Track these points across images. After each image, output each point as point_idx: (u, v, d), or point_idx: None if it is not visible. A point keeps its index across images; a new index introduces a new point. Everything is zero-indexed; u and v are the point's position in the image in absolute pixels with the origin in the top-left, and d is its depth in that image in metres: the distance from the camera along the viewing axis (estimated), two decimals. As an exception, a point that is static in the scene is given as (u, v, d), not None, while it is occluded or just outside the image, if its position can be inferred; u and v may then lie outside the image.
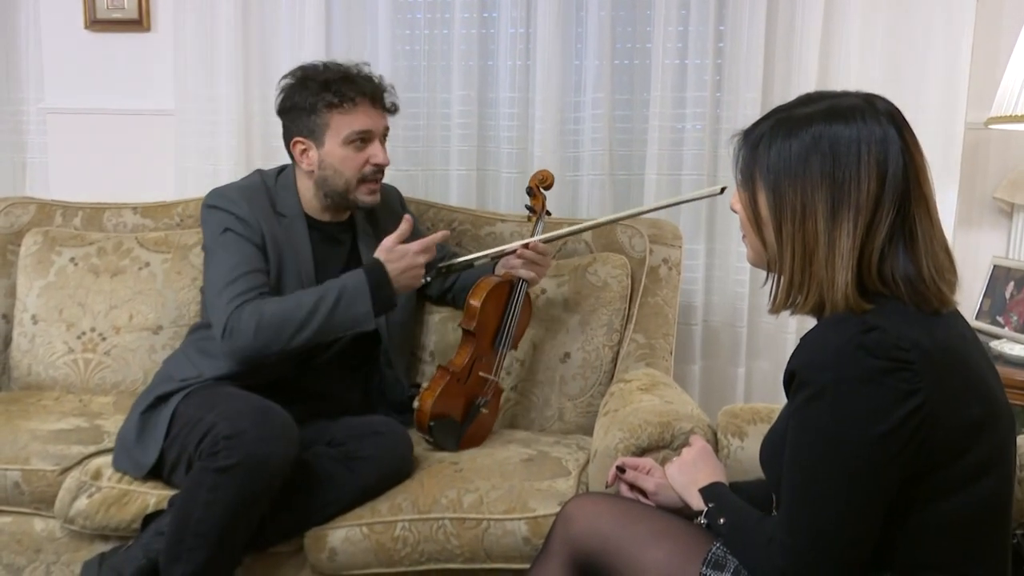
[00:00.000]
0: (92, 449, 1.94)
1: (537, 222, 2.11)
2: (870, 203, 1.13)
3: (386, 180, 2.60)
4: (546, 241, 2.04)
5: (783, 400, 2.53)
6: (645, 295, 2.18)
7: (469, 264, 1.94)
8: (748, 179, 1.22)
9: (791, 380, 1.16)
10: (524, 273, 2.01)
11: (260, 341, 1.80)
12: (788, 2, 2.46)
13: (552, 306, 2.19)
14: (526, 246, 1.98)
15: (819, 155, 1.15)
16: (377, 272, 1.84)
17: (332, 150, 1.95)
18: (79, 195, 2.64)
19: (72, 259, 2.36)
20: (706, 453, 1.50)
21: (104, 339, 2.29)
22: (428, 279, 1.86)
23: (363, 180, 1.97)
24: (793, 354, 1.17)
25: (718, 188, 1.89)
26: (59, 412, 2.13)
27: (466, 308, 2.01)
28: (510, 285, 2.04)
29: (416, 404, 1.96)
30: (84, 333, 2.30)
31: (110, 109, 2.86)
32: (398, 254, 1.85)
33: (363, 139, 1.95)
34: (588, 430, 2.08)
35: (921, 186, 1.16)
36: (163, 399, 1.86)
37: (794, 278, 1.18)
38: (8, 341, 2.36)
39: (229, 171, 2.61)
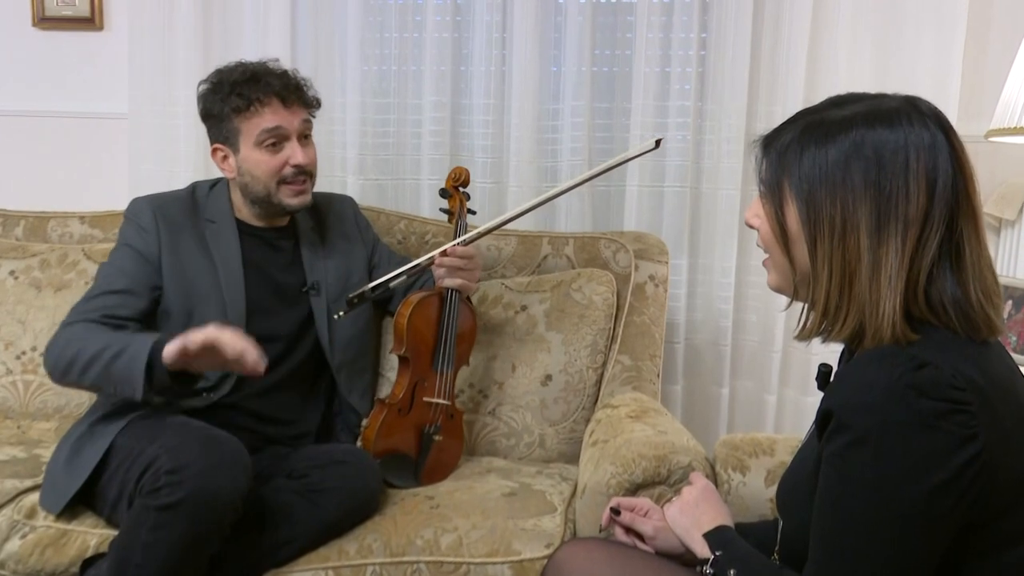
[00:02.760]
0: (28, 483, 1.71)
1: (458, 224, 1.93)
2: (919, 217, 0.97)
3: (353, 189, 2.46)
4: (466, 242, 1.83)
5: (767, 424, 2.41)
6: (631, 314, 2.01)
7: (384, 287, 1.71)
8: (774, 190, 1.05)
9: (826, 420, 0.99)
10: (451, 282, 1.82)
11: (59, 368, 1.65)
12: (774, 10, 2.31)
13: (533, 325, 2.01)
14: (444, 253, 1.79)
15: (862, 162, 0.98)
16: (161, 344, 1.55)
17: (248, 155, 1.78)
18: (26, 203, 2.42)
19: (12, 272, 2.12)
20: (709, 492, 1.32)
21: (44, 357, 2.05)
22: (341, 314, 1.66)
23: (284, 182, 1.79)
24: (830, 391, 1.00)
25: (652, 142, 1.72)
26: (-7, 441, 1.90)
27: (393, 332, 1.81)
28: (440, 298, 1.84)
29: (359, 445, 1.76)
30: (24, 353, 2.07)
31: (59, 112, 2.65)
32: None
33: (276, 139, 1.77)
34: (571, 458, 1.91)
35: (971, 198, 1.00)
36: (99, 424, 1.66)
37: (830, 302, 1.01)
38: (-59, 361, 2.11)
39: (187, 177, 2.40)
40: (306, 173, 1.81)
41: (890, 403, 0.93)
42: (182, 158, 2.47)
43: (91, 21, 2.61)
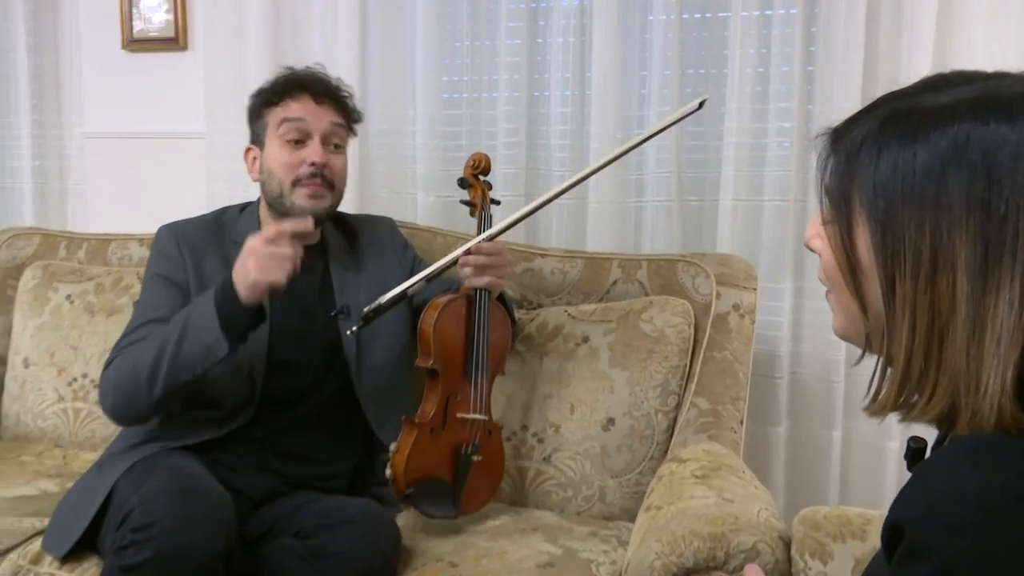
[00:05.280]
0: (48, 523, 1.57)
1: (482, 217, 1.69)
2: None
3: (423, 205, 2.25)
4: (492, 237, 1.57)
5: (888, 475, 1.99)
6: (710, 349, 1.68)
7: (402, 296, 1.47)
8: (840, 204, 0.73)
9: (895, 536, 0.67)
10: (479, 281, 1.57)
11: (122, 398, 1.49)
12: (894, -6, 1.93)
13: (594, 360, 1.71)
14: (468, 252, 1.54)
15: (965, 171, 0.66)
16: (225, 287, 1.46)
17: (270, 151, 1.65)
18: (117, 223, 2.37)
19: (68, 296, 2.02)
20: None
21: (96, 387, 1.92)
22: (354, 329, 1.45)
23: (298, 182, 1.61)
24: (901, 496, 0.67)
25: (696, 103, 1.42)
26: (33, 471, 1.78)
27: (419, 341, 1.56)
28: (468, 300, 1.59)
29: (388, 472, 1.50)
30: (75, 379, 1.96)
31: (148, 132, 2.59)
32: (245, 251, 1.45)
33: (298, 135, 1.63)
34: (636, 515, 1.59)
35: None
36: (108, 463, 1.52)
37: (911, 367, 0.69)
38: (1, 387, 2.03)
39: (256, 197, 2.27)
40: (325, 179, 1.63)
41: (988, 522, 0.60)
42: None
43: (175, 41, 2.53)
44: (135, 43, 2.56)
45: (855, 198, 0.72)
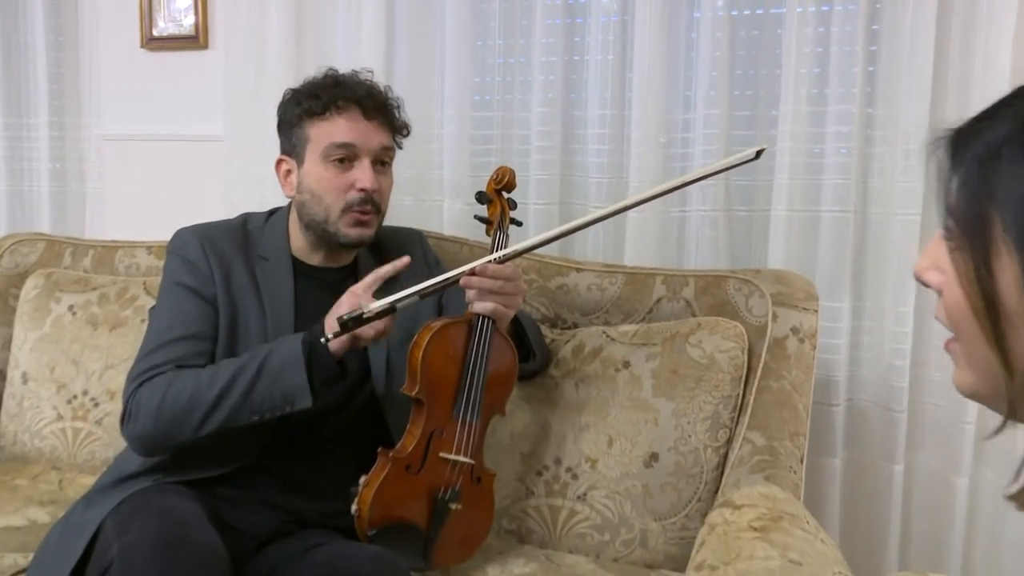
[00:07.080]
0: (31, 559, 1.41)
1: (497, 236, 1.51)
2: None
3: (450, 214, 2.08)
4: (503, 259, 1.36)
5: (957, 515, 1.72)
6: (766, 377, 1.48)
7: (390, 308, 1.26)
8: (973, 228, 0.55)
9: None
10: (481, 307, 1.37)
11: (162, 426, 1.31)
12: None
13: (636, 387, 1.51)
14: (473, 272, 1.34)
15: None
16: (315, 333, 1.31)
17: (311, 168, 1.46)
18: (134, 229, 2.21)
19: (71, 307, 1.86)
20: None
21: (97, 405, 1.78)
22: (328, 336, 1.27)
23: (347, 209, 1.44)
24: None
25: (753, 151, 1.26)
26: (24, 498, 1.62)
27: (407, 365, 1.37)
28: (468, 326, 1.39)
29: (354, 508, 1.30)
30: (75, 397, 1.79)
31: (167, 135, 2.44)
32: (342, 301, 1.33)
33: (346, 156, 1.44)
34: (680, 563, 1.41)
35: None
36: (97, 497, 1.35)
37: None
38: (-1, 402, 1.89)
39: (277, 202, 2.10)
40: (374, 203, 1.46)
41: None
42: (271, 182, 2.16)
43: (195, 39, 2.39)
44: (154, 41, 2.42)
45: (994, 220, 0.54)
